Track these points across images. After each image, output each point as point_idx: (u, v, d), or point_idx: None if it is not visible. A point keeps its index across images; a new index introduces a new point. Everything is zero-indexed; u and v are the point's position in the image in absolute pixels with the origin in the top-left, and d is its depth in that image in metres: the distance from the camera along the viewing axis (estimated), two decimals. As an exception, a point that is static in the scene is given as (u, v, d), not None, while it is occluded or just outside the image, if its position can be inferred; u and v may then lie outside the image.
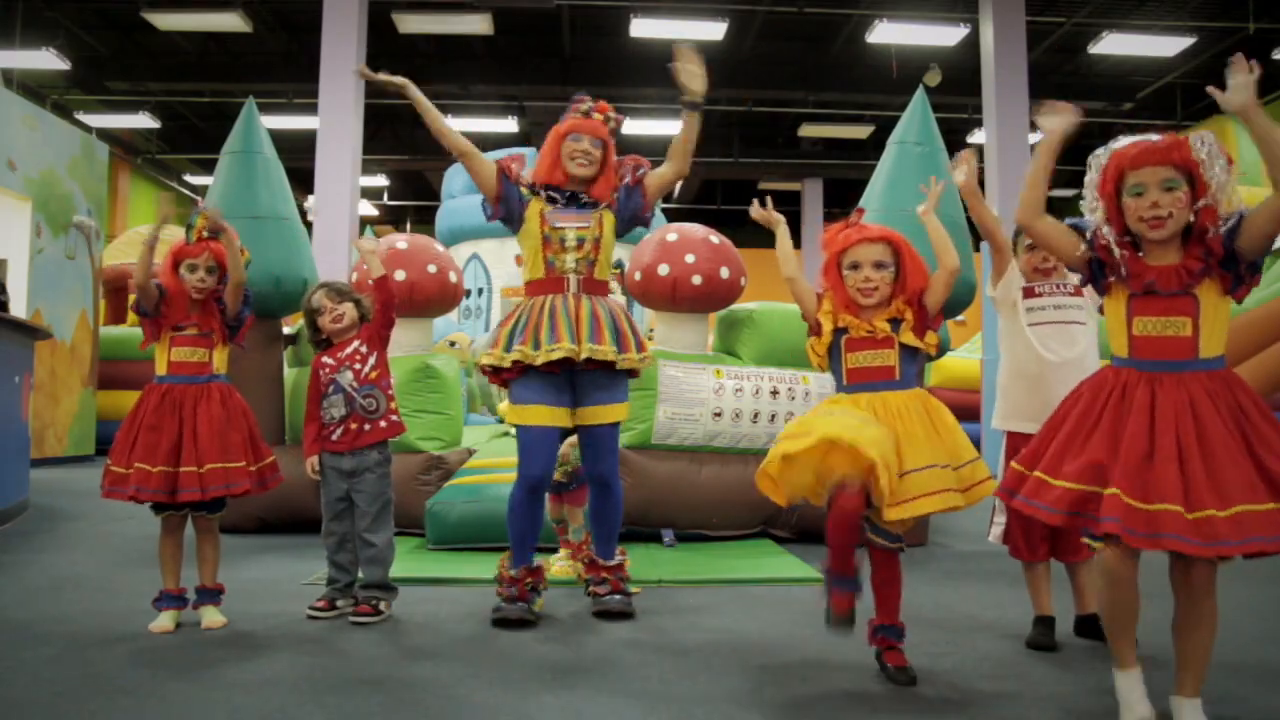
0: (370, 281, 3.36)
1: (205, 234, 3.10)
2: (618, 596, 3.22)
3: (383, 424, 3.24)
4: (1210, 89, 1.97)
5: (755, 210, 2.87)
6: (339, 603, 3.20)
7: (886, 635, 2.51)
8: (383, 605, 3.18)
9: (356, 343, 3.28)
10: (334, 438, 3.21)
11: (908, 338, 2.49)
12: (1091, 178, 2.13)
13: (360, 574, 3.23)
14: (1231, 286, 2.02)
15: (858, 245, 2.51)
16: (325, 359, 3.27)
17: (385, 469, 3.27)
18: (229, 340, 3.16)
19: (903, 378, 2.48)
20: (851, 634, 2.44)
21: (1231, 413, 1.95)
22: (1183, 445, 1.92)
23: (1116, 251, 2.07)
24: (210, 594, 3.10)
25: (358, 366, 3.24)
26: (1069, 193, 16.10)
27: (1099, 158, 2.13)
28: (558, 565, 3.75)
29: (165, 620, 2.97)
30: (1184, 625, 2.06)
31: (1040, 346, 2.87)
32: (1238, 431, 1.93)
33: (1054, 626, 2.85)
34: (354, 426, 3.20)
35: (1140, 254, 2.08)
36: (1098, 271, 2.13)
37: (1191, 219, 2.03)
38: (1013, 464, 2.15)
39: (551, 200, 3.21)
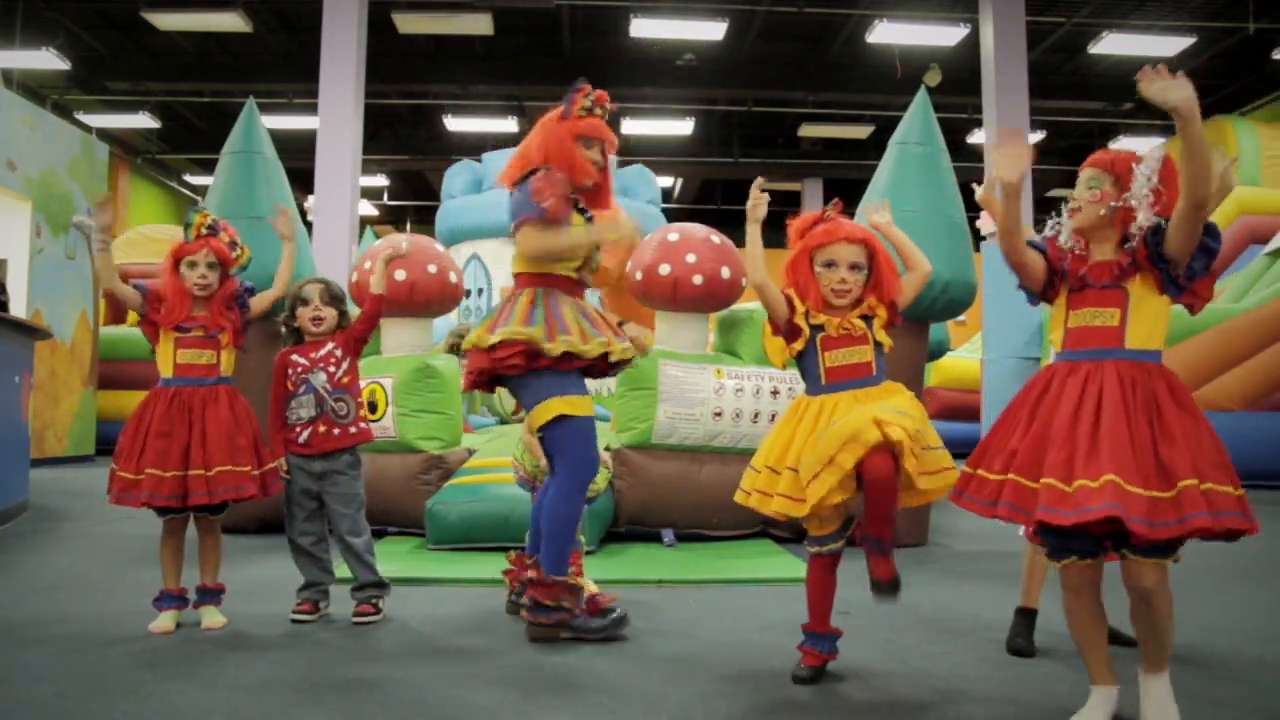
0: (368, 289, 3.35)
1: (204, 230, 3.09)
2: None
3: (352, 430, 3.19)
4: (1145, 72, 1.96)
5: (756, 190, 2.64)
6: (322, 605, 3.18)
7: (870, 545, 2.42)
8: (381, 603, 3.18)
9: (331, 345, 3.22)
10: (300, 440, 3.15)
11: (881, 336, 2.49)
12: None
13: (355, 573, 3.21)
14: (1164, 286, 2.10)
15: (835, 244, 2.48)
16: (296, 357, 3.20)
17: (357, 470, 3.23)
18: (239, 343, 3.13)
19: (878, 373, 2.49)
20: (812, 684, 2.45)
21: (1144, 401, 2.02)
22: (1078, 422, 2.01)
23: (1066, 245, 2.21)
24: (211, 594, 3.09)
25: (332, 369, 3.19)
26: (1069, 192, 16.09)
27: None
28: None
29: (165, 620, 2.97)
30: (1138, 618, 2.12)
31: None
32: (1143, 419, 1.99)
33: (1034, 623, 2.82)
34: (322, 429, 3.14)
35: (1085, 254, 2.21)
36: (1048, 282, 2.24)
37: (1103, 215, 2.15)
38: (963, 465, 2.22)
39: (582, 210, 3.03)
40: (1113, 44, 13.09)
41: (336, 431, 3.16)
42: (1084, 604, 2.13)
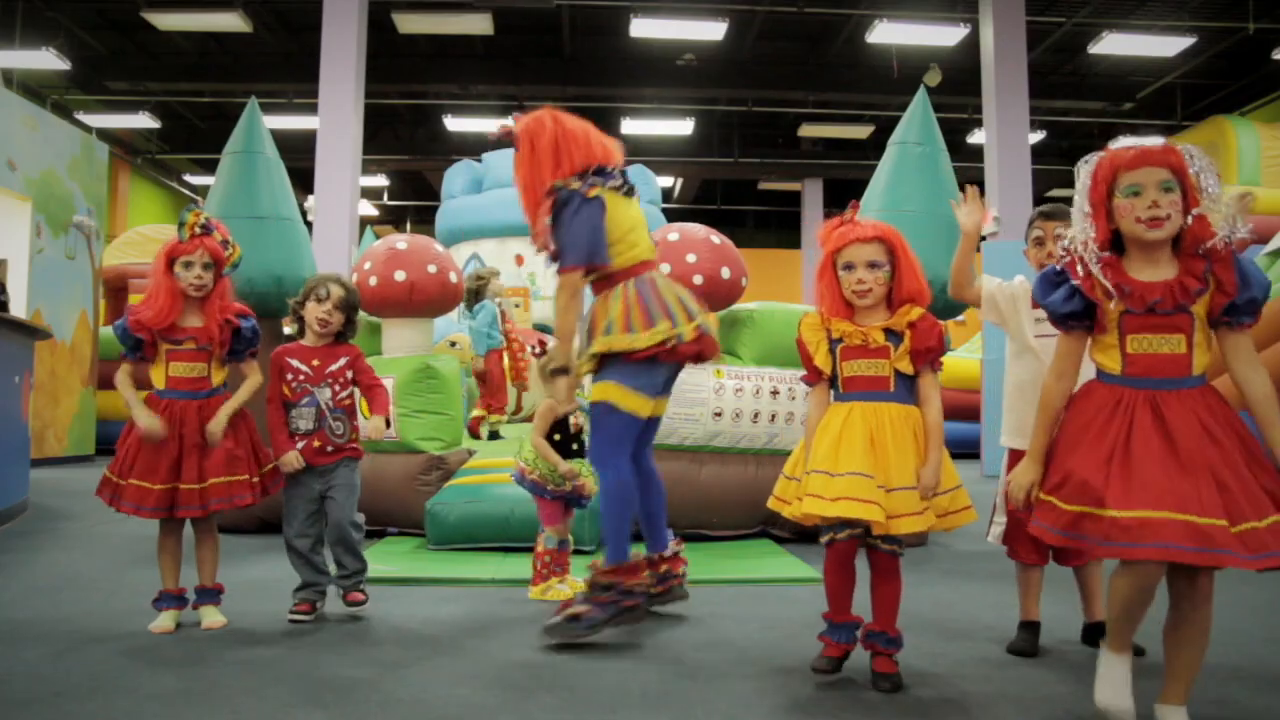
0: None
1: (198, 230, 3.04)
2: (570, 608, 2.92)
3: (344, 447, 3.20)
4: None
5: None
6: (318, 605, 3.19)
7: (875, 642, 2.47)
8: (364, 588, 3.21)
9: (345, 360, 3.22)
10: (296, 448, 3.16)
11: (903, 364, 2.44)
12: (1083, 183, 2.10)
13: (343, 563, 3.20)
14: (1217, 312, 1.99)
15: (851, 245, 2.46)
16: (296, 362, 3.18)
17: (355, 463, 3.24)
18: (227, 361, 3.08)
19: (898, 390, 2.44)
20: (831, 678, 2.45)
21: (1231, 430, 1.95)
22: (1212, 463, 1.89)
23: (1101, 279, 2.02)
24: (210, 594, 3.09)
25: (337, 388, 3.19)
26: (1069, 192, 16.13)
27: (1088, 163, 2.10)
28: (556, 589, 3.52)
29: (165, 620, 2.97)
30: (1180, 633, 2.02)
31: (1047, 359, 2.77)
32: (1241, 448, 1.93)
33: (1039, 633, 2.82)
34: (316, 444, 3.15)
35: (1124, 265, 2.04)
36: (1076, 316, 2.08)
37: (1184, 225, 2.00)
38: (1048, 497, 2.04)
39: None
40: (1113, 44, 13.10)
41: (330, 449, 3.17)
42: (1143, 599, 1.99)
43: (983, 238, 10.82)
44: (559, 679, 2.49)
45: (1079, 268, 2.06)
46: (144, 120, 16.16)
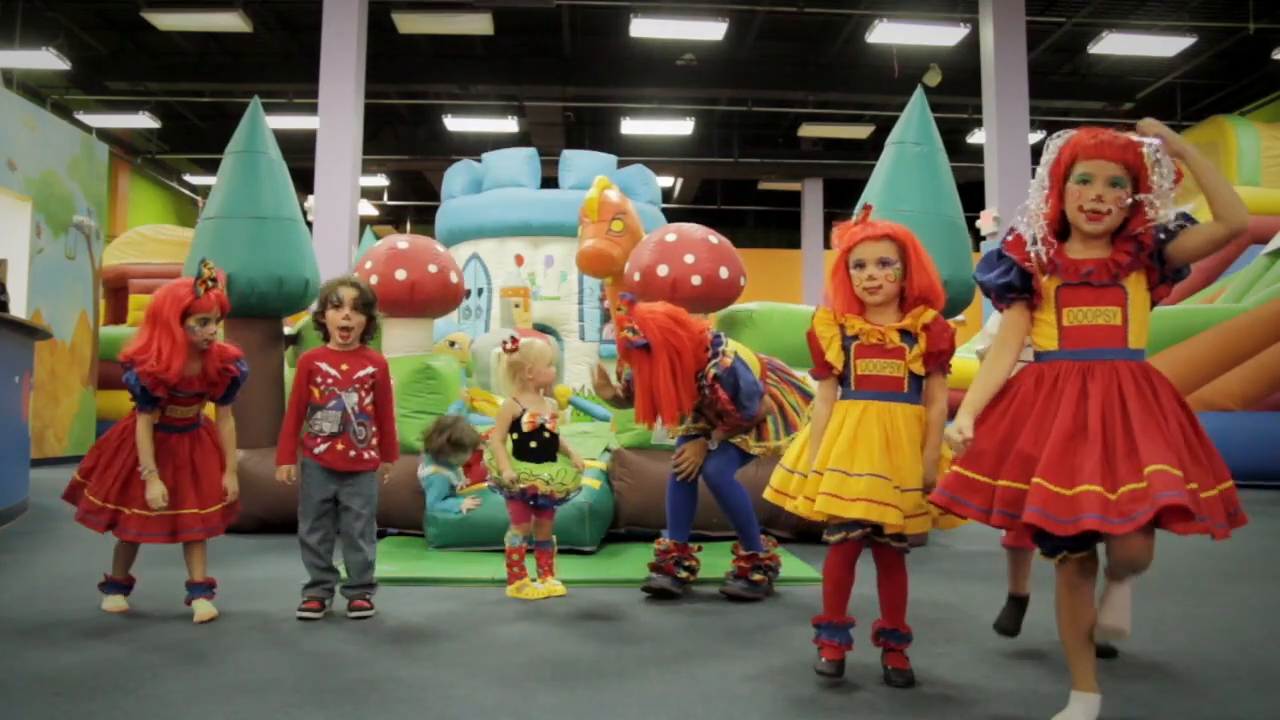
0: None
1: (210, 283, 3.07)
2: (740, 582, 3.59)
3: (366, 455, 3.23)
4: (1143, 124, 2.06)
5: None
6: (327, 603, 3.20)
7: (888, 639, 2.50)
8: (372, 599, 3.22)
9: (371, 369, 3.25)
10: (317, 451, 3.18)
11: (915, 365, 2.45)
12: (1047, 158, 2.16)
13: (351, 571, 3.22)
14: (1153, 283, 2.08)
15: (862, 243, 2.49)
16: (325, 366, 3.20)
17: (374, 473, 3.27)
18: (218, 403, 3.26)
19: (910, 390, 2.45)
20: (838, 681, 2.44)
21: (1151, 401, 1.99)
22: (1107, 426, 1.95)
23: (1038, 251, 2.11)
24: (202, 588, 3.14)
25: (363, 394, 3.22)
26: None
27: (1059, 138, 2.15)
28: (531, 588, 3.53)
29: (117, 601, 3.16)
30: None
31: None
32: (1151, 415, 1.97)
33: (1024, 608, 2.82)
34: (339, 448, 3.17)
35: (1064, 248, 2.12)
36: (1012, 288, 2.16)
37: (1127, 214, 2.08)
38: (954, 466, 2.12)
39: None
40: (1113, 44, 13.11)
41: (353, 454, 3.19)
42: (1080, 600, 2.09)
43: (982, 237, 10.86)
44: (559, 679, 2.50)
45: (1025, 236, 2.15)
46: (144, 120, 16.18)
